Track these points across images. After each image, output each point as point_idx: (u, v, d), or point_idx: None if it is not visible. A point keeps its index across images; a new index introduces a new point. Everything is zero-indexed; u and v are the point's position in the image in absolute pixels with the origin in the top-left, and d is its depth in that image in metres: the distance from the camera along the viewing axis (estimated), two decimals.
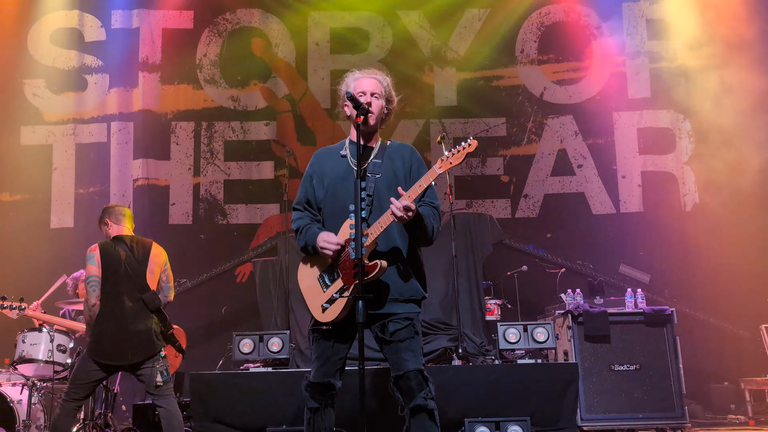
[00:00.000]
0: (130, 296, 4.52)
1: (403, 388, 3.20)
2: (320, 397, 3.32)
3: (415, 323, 3.29)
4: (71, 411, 4.43)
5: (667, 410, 5.84)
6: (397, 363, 3.22)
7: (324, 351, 3.33)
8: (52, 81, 8.90)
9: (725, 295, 8.08)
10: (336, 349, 3.33)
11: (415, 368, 3.19)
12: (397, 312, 3.28)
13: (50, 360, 5.39)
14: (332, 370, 3.32)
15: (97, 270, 4.52)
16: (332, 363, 3.32)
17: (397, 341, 3.23)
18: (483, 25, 9.09)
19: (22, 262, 8.09)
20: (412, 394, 3.18)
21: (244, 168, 8.86)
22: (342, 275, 3.27)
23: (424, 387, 3.19)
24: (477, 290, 6.54)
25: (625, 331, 6.02)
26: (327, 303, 3.28)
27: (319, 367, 3.33)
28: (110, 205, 4.95)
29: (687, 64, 8.83)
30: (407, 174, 3.43)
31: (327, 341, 3.33)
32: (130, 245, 4.66)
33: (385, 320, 3.25)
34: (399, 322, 3.25)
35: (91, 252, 4.59)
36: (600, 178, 8.75)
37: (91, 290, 4.47)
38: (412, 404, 3.18)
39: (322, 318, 3.30)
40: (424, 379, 3.21)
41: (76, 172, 8.76)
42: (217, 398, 5.32)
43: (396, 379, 3.22)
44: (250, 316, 7.65)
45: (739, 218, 8.21)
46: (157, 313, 4.61)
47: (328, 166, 3.50)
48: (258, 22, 9.11)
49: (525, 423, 4.99)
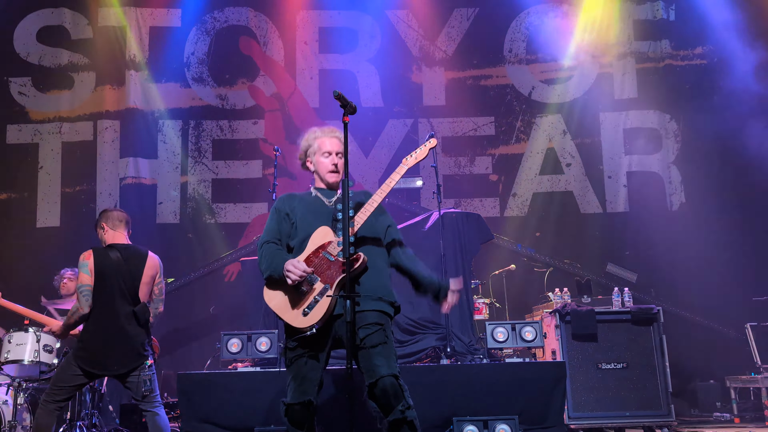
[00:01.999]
0: (121, 308, 4.45)
1: (378, 397, 3.12)
2: (301, 420, 3.26)
3: (386, 328, 3.24)
4: (52, 412, 4.37)
5: (654, 408, 5.88)
6: (370, 370, 3.15)
7: (299, 369, 3.27)
8: (38, 79, 8.84)
9: (711, 293, 8.14)
10: (311, 365, 3.27)
11: (388, 373, 3.12)
12: (369, 309, 3.24)
13: (36, 360, 5.34)
14: (311, 388, 3.25)
15: (89, 279, 4.45)
16: (309, 380, 3.25)
17: (369, 347, 3.16)
18: (471, 25, 9.11)
19: (8, 260, 8.03)
20: (390, 406, 3.11)
21: (232, 167, 8.84)
22: (321, 277, 3.25)
23: (400, 398, 3.11)
24: (465, 289, 6.55)
25: (612, 330, 6.05)
26: (308, 308, 3.22)
27: (297, 386, 3.26)
28: (108, 209, 4.86)
29: (673, 64, 8.89)
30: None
31: (302, 359, 3.27)
32: (125, 255, 4.55)
33: (357, 326, 3.14)
34: (369, 327, 3.19)
35: (85, 260, 4.50)
36: (587, 177, 8.79)
37: (83, 299, 4.41)
38: (391, 418, 3.11)
39: (305, 323, 3.21)
40: (400, 387, 3.13)
41: (62, 171, 8.70)
42: (205, 398, 5.29)
43: (370, 387, 3.14)
44: (238, 315, 7.62)
45: (724, 218, 8.28)
46: (144, 326, 4.56)
47: (298, 205, 3.54)
48: (246, 21, 9.09)
49: (513, 421, 5.00)
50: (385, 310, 3.31)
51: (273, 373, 5.39)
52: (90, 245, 4.63)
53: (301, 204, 3.54)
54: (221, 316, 8.04)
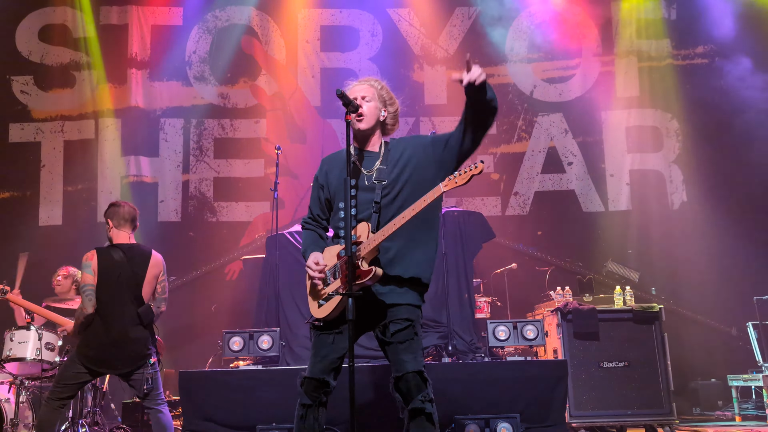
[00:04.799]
0: (125, 307, 4.46)
1: (402, 390, 3.21)
2: (315, 393, 3.31)
3: (415, 324, 3.28)
4: (56, 410, 4.39)
5: (655, 407, 5.88)
6: (397, 364, 3.23)
7: (322, 348, 3.32)
8: (40, 77, 8.84)
9: (713, 292, 8.15)
10: (335, 347, 3.31)
11: (414, 370, 3.19)
12: (401, 302, 3.26)
13: (38, 358, 5.35)
14: (328, 368, 3.31)
15: (92, 279, 4.46)
16: (330, 361, 3.31)
17: (396, 342, 3.22)
18: (473, 23, 9.11)
19: (11, 259, 8.02)
20: (411, 396, 3.18)
21: (233, 165, 8.84)
22: (340, 277, 3.28)
23: (422, 389, 3.19)
24: (467, 288, 6.55)
25: (613, 329, 6.05)
26: (324, 300, 3.30)
27: (316, 362, 3.32)
28: (117, 203, 4.75)
29: (675, 63, 8.89)
30: (427, 157, 3.37)
31: (327, 338, 3.32)
32: (129, 255, 4.56)
33: (387, 320, 3.24)
34: (399, 323, 3.24)
35: (88, 260, 4.50)
36: (589, 176, 8.79)
37: (87, 300, 4.42)
38: (410, 407, 3.19)
39: (317, 313, 3.33)
40: (423, 380, 3.21)
41: (64, 170, 8.71)
42: (206, 396, 5.30)
43: (396, 381, 3.23)
44: (239, 313, 7.63)
45: (726, 216, 8.27)
46: (148, 326, 4.57)
47: (333, 175, 3.46)
48: (248, 19, 9.09)
49: (514, 420, 5.00)
50: (414, 303, 3.31)
51: (275, 372, 5.39)
52: (92, 243, 4.65)
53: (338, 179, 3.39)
54: (223, 314, 8.04)
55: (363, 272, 3.16)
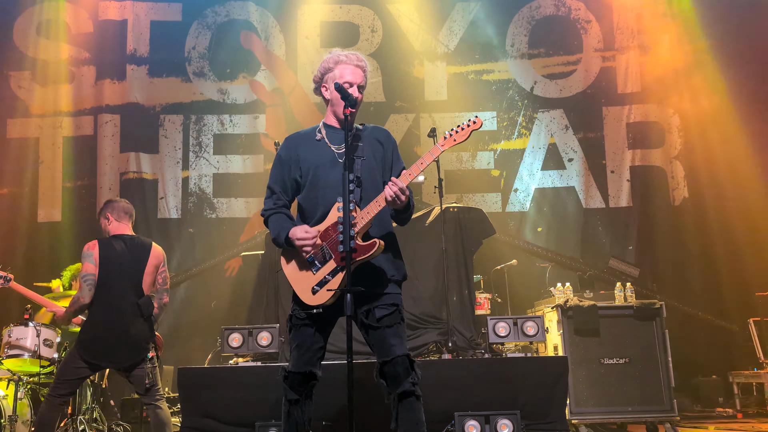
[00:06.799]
0: (126, 299, 4.45)
1: (389, 374, 3.17)
2: (300, 388, 3.29)
3: (400, 309, 3.28)
4: (56, 406, 4.39)
5: (656, 403, 5.86)
6: (384, 348, 3.19)
7: (305, 339, 3.29)
8: (38, 73, 8.80)
9: (714, 288, 8.13)
10: (317, 337, 3.29)
11: (402, 353, 3.17)
12: (386, 292, 3.26)
13: (36, 355, 5.33)
14: (313, 359, 3.29)
15: (94, 269, 4.44)
16: (313, 351, 3.29)
17: (384, 327, 3.20)
18: (473, 19, 9.07)
19: (9, 256, 8.01)
20: (399, 380, 3.15)
21: (233, 161, 8.82)
22: (334, 256, 3.19)
23: (410, 372, 3.17)
24: (467, 284, 6.53)
25: (614, 325, 6.04)
26: (318, 285, 3.20)
27: (300, 356, 3.29)
28: (113, 199, 4.83)
29: (676, 58, 8.85)
30: (384, 156, 3.41)
31: (308, 329, 3.29)
32: (129, 246, 4.56)
33: (372, 305, 3.22)
34: (386, 308, 3.22)
35: (90, 250, 4.49)
36: (590, 172, 8.76)
37: (87, 288, 4.40)
38: (399, 390, 3.15)
39: (312, 301, 3.21)
40: (411, 363, 3.19)
41: (63, 166, 8.68)
42: (205, 393, 5.28)
43: (382, 365, 3.19)
44: (239, 310, 7.61)
45: (727, 212, 8.25)
46: (147, 319, 4.55)
47: (303, 151, 3.43)
48: (247, 15, 9.06)
49: (515, 416, 4.98)
50: (397, 291, 3.32)
51: (274, 368, 5.37)
52: (91, 239, 4.61)
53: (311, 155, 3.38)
54: (222, 310, 8.02)
55: (363, 247, 3.12)
